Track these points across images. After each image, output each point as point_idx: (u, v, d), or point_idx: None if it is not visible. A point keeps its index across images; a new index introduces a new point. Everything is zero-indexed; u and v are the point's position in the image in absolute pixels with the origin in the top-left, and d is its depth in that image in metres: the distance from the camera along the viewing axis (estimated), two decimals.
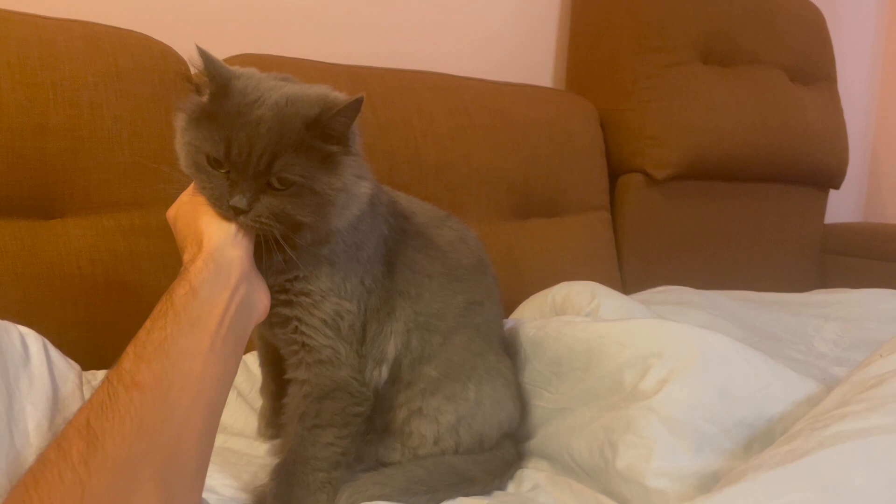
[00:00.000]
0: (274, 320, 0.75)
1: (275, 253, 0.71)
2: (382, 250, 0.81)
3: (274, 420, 0.89)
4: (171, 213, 0.75)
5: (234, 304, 0.66)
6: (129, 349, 0.59)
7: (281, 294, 0.74)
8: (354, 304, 0.77)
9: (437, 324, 0.83)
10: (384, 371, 0.81)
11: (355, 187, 0.72)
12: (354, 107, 0.69)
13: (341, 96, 0.72)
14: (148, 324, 0.61)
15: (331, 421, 0.75)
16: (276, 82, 0.73)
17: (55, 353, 0.77)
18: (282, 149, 0.67)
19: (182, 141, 0.72)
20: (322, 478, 0.74)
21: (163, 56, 1.14)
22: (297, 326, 0.75)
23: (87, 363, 0.85)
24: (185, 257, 0.68)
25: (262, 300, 0.71)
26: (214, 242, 0.67)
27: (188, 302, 0.62)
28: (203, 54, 0.69)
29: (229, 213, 0.69)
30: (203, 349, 0.61)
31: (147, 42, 1.14)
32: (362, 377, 0.78)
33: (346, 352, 0.77)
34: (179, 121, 0.73)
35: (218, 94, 0.70)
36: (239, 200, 0.67)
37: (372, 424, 0.82)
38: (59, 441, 0.53)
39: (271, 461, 0.89)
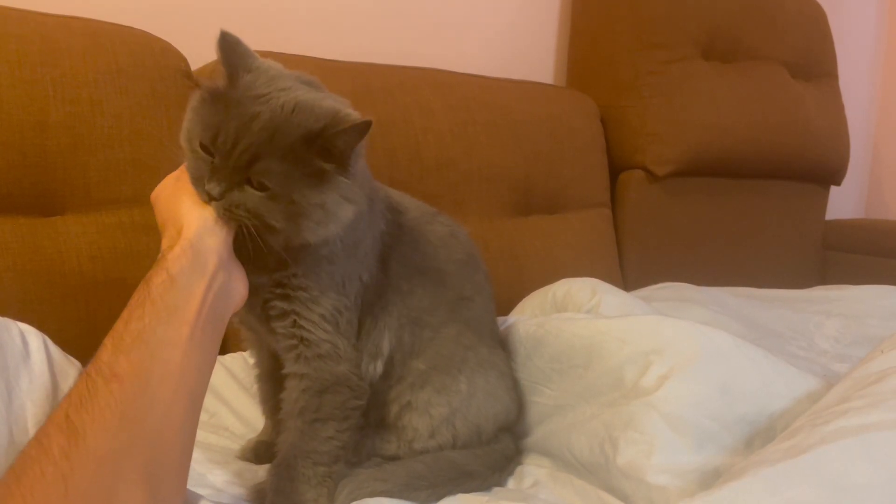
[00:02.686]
0: (272, 313, 0.74)
1: (270, 250, 0.71)
2: (379, 245, 0.81)
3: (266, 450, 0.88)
4: (155, 193, 0.75)
5: (211, 292, 0.65)
6: (107, 341, 0.59)
7: (277, 288, 0.74)
8: (352, 300, 0.77)
9: (427, 319, 0.83)
10: (379, 366, 0.81)
11: (337, 207, 0.70)
12: (361, 128, 0.67)
13: (353, 114, 0.69)
14: (125, 314, 0.61)
15: (331, 415, 0.75)
16: (293, 83, 0.71)
17: (55, 350, 0.77)
18: (267, 152, 0.66)
19: (186, 117, 0.72)
20: (323, 472, 0.74)
21: (163, 53, 1.14)
22: (295, 320, 0.75)
23: (87, 360, 0.84)
24: (164, 242, 0.68)
25: (238, 288, 0.70)
26: (193, 229, 0.67)
27: (165, 291, 0.62)
28: (224, 38, 0.68)
29: (204, 196, 0.68)
30: (182, 338, 0.61)
31: (147, 39, 1.14)
32: (360, 371, 0.78)
33: (344, 346, 0.76)
34: (193, 99, 0.72)
35: (227, 82, 0.69)
36: (213, 188, 0.67)
37: (367, 419, 0.82)
38: (38, 437, 0.53)
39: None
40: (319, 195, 0.68)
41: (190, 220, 0.68)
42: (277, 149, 0.66)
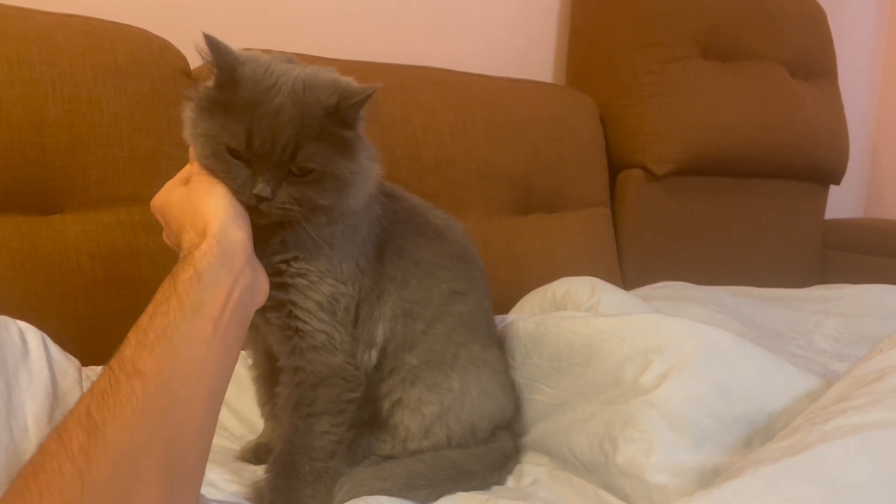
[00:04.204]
0: (267, 304, 0.73)
1: (273, 234, 0.72)
2: (376, 231, 0.81)
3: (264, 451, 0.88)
4: (158, 201, 0.74)
5: (237, 288, 0.65)
6: (131, 336, 0.58)
7: (275, 276, 0.74)
8: (349, 287, 0.77)
9: (420, 311, 0.83)
10: (373, 355, 0.81)
11: (370, 169, 0.75)
12: (371, 95, 0.71)
13: (353, 83, 0.73)
14: (150, 309, 0.60)
15: (326, 409, 0.75)
16: (284, 66, 0.73)
17: (54, 349, 0.77)
18: (304, 138, 0.68)
19: (195, 132, 0.71)
20: (319, 467, 0.74)
21: (161, 51, 1.14)
22: (290, 311, 0.75)
23: (85, 359, 0.85)
24: (185, 242, 0.67)
25: (262, 284, 0.70)
26: (217, 225, 0.66)
27: (192, 286, 0.61)
28: (209, 41, 0.69)
29: (252, 200, 0.69)
30: (206, 335, 0.60)
31: (146, 37, 1.14)
32: (355, 361, 0.78)
33: (340, 336, 0.76)
34: (188, 110, 0.72)
35: (226, 82, 0.69)
36: (263, 189, 0.68)
37: (359, 414, 0.81)
38: (59, 432, 0.52)
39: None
40: (356, 162, 0.73)
41: (213, 215, 0.67)
42: (310, 131, 0.69)
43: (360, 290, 0.79)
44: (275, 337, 0.78)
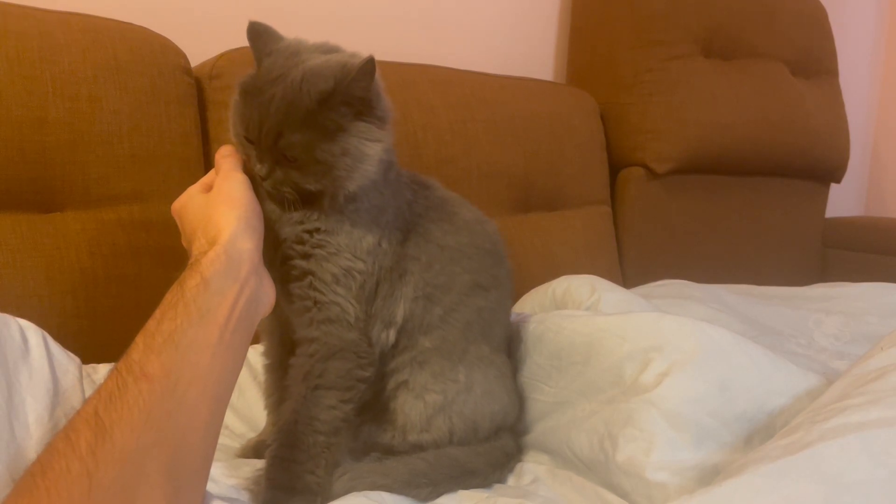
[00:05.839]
0: (292, 274, 0.77)
1: (298, 204, 0.75)
2: (405, 215, 0.82)
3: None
4: (178, 205, 0.77)
5: (243, 296, 0.66)
6: (139, 339, 0.59)
7: (299, 245, 0.77)
8: (367, 265, 0.78)
9: (440, 296, 0.83)
10: (392, 335, 0.81)
11: (360, 149, 0.74)
12: (366, 69, 0.72)
13: (357, 62, 0.73)
14: (158, 314, 0.61)
15: (335, 383, 0.76)
16: (309, 55, 0.76)
17: (55, 346, 0.77)
18: (286, 127, 0.72)
19: (229, 114, 0.78)
20: (322, 441, 0.74)
21: (162, 49, 1.14)
22: (311, 282, 0.77)
23: (86, 356, 0.85)
24: (195, 249, 0.69)
25: (268, 294, 0.72)
26: (227, 234, 0.68)
27: (199, 293, 0.62)
28: (249, 30, 0.76)
29: (258, 178, 0.75)
30: (212, 341, 0.61)
31: (146, 35, 1.14)
32: (370, 339, 0.79)
33: (354, 312, 0.77)
34: (234, 95, 0.77)
35: (255, 70, 0.76)
36: (260, 169, 0.74)
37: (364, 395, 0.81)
38: (67, 431, 0.53)
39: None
40: (340, 145, 0.73)
41: (225, 224, 0.69)
42: (294, 121, 0.72)
43: (379, 269, 0.80)
44: (295, 309, 0.79)
